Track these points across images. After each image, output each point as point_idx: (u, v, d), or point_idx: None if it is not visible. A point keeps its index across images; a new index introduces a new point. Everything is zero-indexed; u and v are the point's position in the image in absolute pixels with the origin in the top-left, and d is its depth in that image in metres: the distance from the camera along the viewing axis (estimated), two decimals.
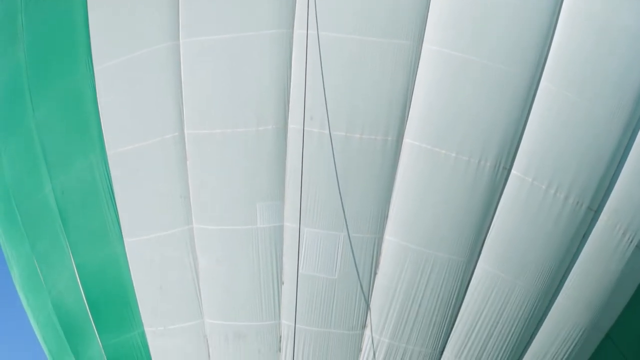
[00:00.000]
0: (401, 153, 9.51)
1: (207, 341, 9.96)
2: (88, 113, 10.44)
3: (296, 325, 9.51)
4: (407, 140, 9.50)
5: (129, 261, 10.29)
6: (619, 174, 9.77)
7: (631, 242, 9.87)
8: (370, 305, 9.55)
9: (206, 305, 9.91)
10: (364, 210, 9.53)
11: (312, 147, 9.54)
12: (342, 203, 9.50)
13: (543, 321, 9.79)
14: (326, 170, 9.56)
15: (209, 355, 9.97)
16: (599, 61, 9.64)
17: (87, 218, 10.67)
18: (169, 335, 10.16)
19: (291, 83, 9.62)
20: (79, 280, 10.80)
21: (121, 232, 10.31)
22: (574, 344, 9.94)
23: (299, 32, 9.58)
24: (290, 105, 9.64)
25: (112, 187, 10.33)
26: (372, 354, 9.56)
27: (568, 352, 9.94)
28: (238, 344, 9.83)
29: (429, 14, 9.48)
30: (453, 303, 9.56)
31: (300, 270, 9.53)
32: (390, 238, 9.52)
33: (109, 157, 10.32)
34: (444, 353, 9.65)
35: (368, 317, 9.57)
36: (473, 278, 9.56)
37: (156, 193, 10.14)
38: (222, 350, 9.89)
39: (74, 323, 11.11)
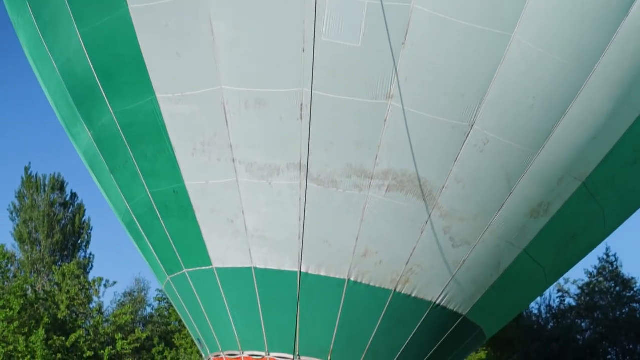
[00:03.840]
0: None
1: (224, 108, 10.49)
2: None
3: (319, 93, 9.95)
4: None
5: (136, 28, 10.56)
6: None
7: None
8: (397, 75, 9.89)
9: (224, 72, 10.31)
10: None
11: None
12: None
13: (577, 96, 10.17)
14: None
15: (226, 122, 10.56)
16: None
17: None
18: (185, 102, 10.70)
19: None
20: (86, 49, 11.16)
21: None
22: (606, 118, 10.46)
23: None
24: None
25: None
26: (396, 124, 10.08)
27: (600, 125, 10.50)
28: (258, 111, 10.37)
29: None
30: (485, 75, 9.87)
31: (322, 38, 9.80)
32: (420, 7, 9.65)
33: None
34: (474, 126, 10.15)
35: (394, 86, 9.98)
36: (508, 52, 9.79)
37: None
38: (241, 117, 10.47)
39: (84, 91, 11.65)
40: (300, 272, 10.85)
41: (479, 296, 11.49)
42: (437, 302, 11.19)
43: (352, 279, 10.87)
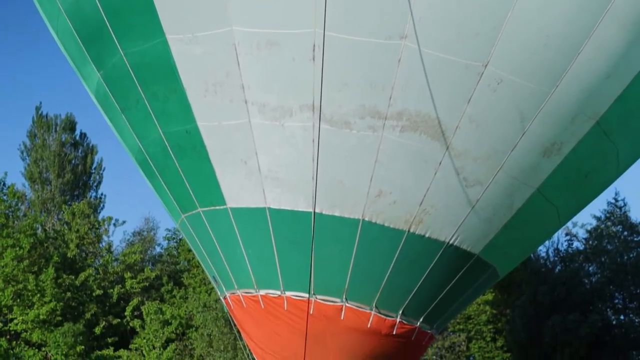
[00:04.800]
0: None
1: (235, 49, 10.56)
2: None
3: (332, 34, 10.00)
4: None
5: None
6: None
7: None
8: (412, 15, 9.87)
9: (235, 12, 10.35)
10: None
11: None
12: None
13: (591, 35, 10.17)
14: None
15: (238, 63, 10.65)
16: None
17: None
18: (195, 42, 10.76)
19: None
20: None
21: None
22: (620, 57, 10.48)
23: None
24: None
25: None
26: (410, 64, 10.15)
27: (614, 64, 10.53)
28: (270, 52, 10.44)
29: None
30: (499, 14, 9.86)
31: None
32: None
33: None
34: (488, 66, 10.18)
35: (408, 26, 9.98)
36: None
37: None
38: (252, 58, 10.54)
39: (93, 32, 11.70)
40: (315, 212, 11.07)
41: (492, 235, 11.73)
42: (451, 242, 11.45)
43: (366, 219, 11.11)
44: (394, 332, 11.92)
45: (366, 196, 11.00)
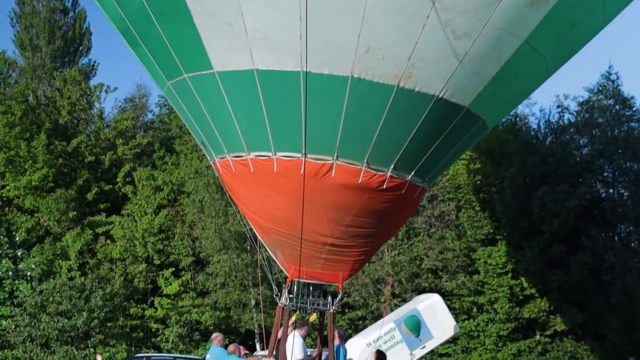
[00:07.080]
0: None
1: None
2: None
3: None
4: None
5: None
6: None
7: None
8: None
9: None
10: None
11: None
12: None
13: None
14: None
15: None
16: None
17: None
18: None
19: None
20: None
21: None
22: None
23: None
24: None
25: None
26: None
27: None
28: None
29: None
30: None
31: None
32: None
33: None
34: None
35: None
36: None
37: None
38: None
39: None
40: (301, 71, 11.19)
41: (481, 88, 11.91)
42: (440, 95, 11.61)
43: (355, 75, 11.22)
44: (385, 187, 12.25)
45: (354, 53, 11.09)
